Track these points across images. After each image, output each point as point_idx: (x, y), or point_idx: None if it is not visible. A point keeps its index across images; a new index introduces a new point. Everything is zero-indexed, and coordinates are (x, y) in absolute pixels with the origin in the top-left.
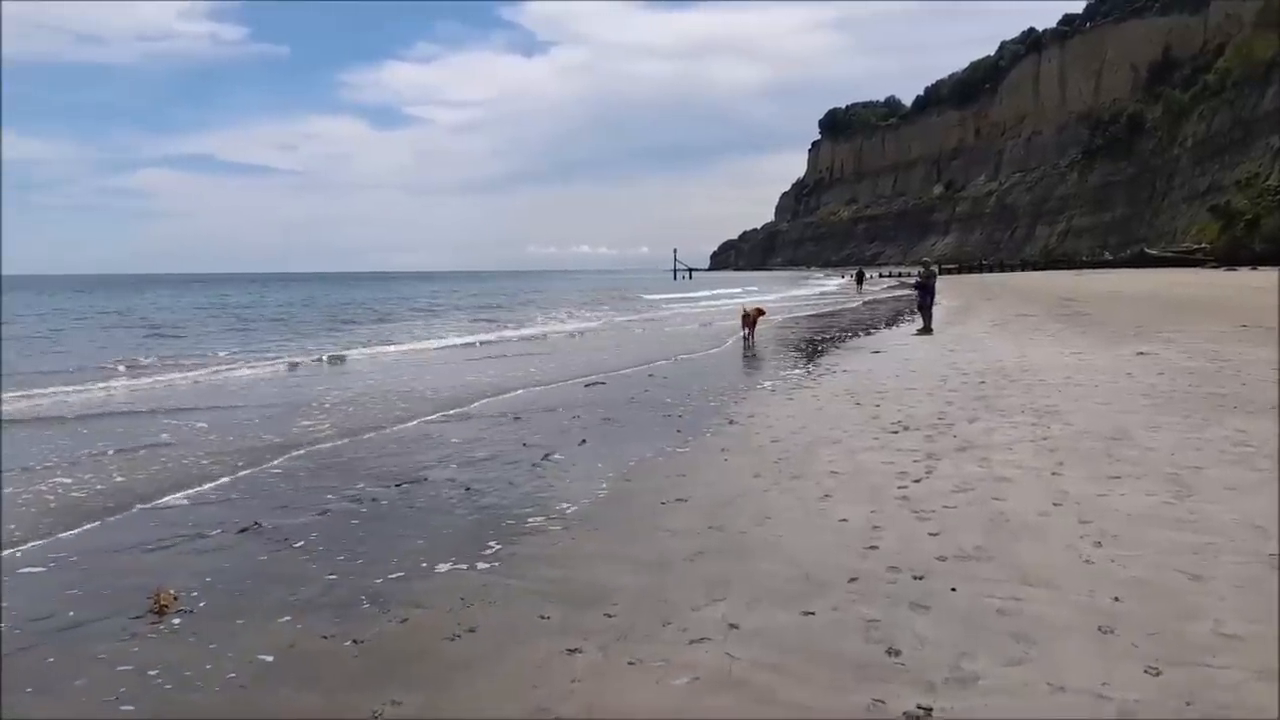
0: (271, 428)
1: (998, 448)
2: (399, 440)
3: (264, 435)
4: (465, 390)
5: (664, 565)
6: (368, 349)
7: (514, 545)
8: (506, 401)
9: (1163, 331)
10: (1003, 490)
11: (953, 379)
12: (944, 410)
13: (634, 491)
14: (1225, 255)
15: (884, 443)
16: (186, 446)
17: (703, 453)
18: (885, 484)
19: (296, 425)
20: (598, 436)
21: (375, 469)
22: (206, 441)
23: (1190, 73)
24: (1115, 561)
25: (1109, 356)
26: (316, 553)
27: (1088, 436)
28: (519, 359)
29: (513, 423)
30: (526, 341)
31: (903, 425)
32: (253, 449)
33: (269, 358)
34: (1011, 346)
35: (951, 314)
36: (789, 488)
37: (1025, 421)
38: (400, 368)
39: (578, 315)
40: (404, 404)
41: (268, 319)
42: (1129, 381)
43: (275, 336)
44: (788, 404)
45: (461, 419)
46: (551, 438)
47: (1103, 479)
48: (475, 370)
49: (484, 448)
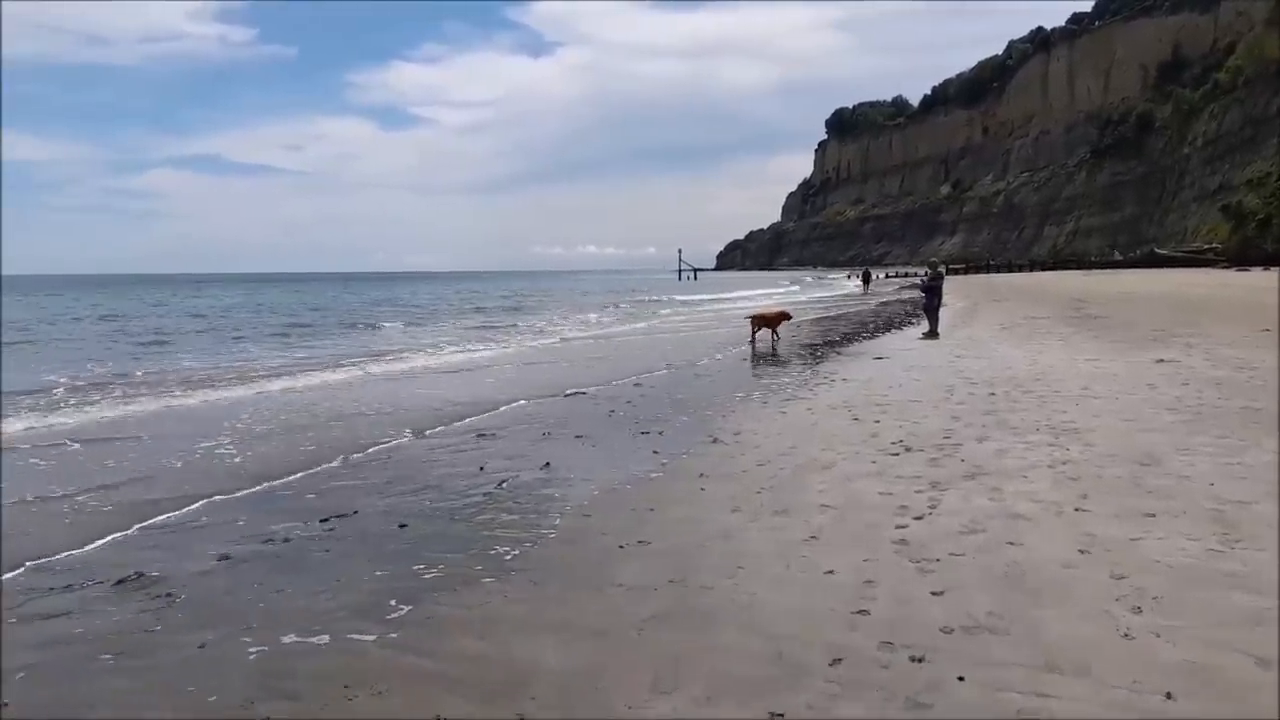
0: (206, 454)
1: (1011, 475)
2: (353, 465)
3: (199, 462)
4: (441, 406)
5: (606, 636)
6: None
7: (433, 605)
8: (480, 418)
9: (1181, 336)
10: (1019, 531)
11: (960, 389)
12: (950, 427)
13: (590, 530)
14: (1237, 255)
15: (882, 467)
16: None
17: (678, 479)
18: (882, 522)
19: (238, 452)
20: (564, 459)
21: (311, 500)
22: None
23: (1200, 71)
24: (1161, 636)
25: (1127, 364)
26: (193, 613)
27: (1112, 461)
28: (504, 369)
29: (477, 441)
30: (517, 349)
31: (904, 445)
32: (180, 477)
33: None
34: (1022, 352)
35: (958, 316)
36: (771, 526)
37: (1041, 441)
38: (374, 384)
39: (571, 320)
40: (368, 424)
41: (266, 328)
42: (1151, 393)
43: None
44: (779, 418)
45: (423, 436)
46: (514, 460)
47: (1135, 517)
48: (455, 383)
49: (438, 471)
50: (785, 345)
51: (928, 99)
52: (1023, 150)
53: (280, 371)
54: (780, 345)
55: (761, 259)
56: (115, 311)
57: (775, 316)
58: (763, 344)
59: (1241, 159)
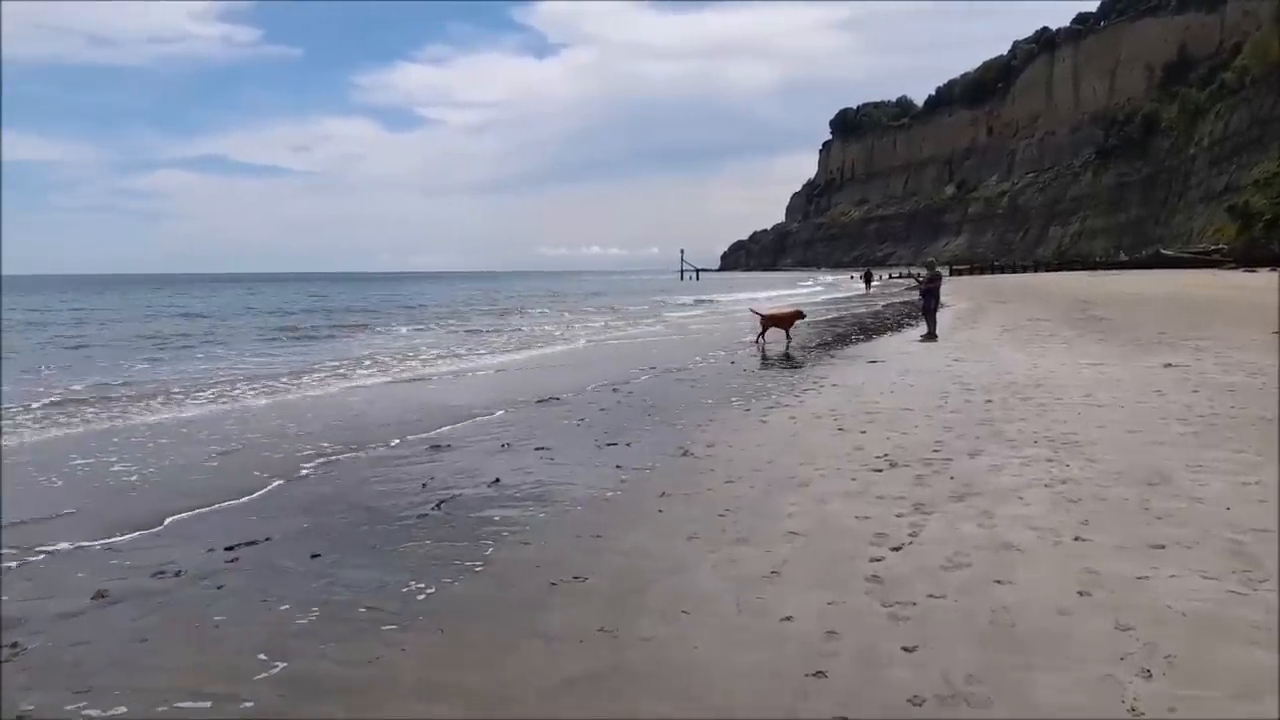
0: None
1: (1005, 495)
2: (291, 483)
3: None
4: (405, 415)
5: (506, 707)
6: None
7: (313, 660)
8: (443, 430)
9: (1189, 339)
10: (1009, 567)
11: (955, 396)
12: (941, 439)
13: (523, 563)
14: (1244, 256)
15: (863, 485)
16: None
17: (636, 499)
18: (855, 553)
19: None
20: (518, 474)
21: (225, 523)
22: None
23: (1207, 72)
24: (1177, 711)
25: (1133, 369)
26: (30, 669)
27: (1117, 479)
28: (483, 375)
29: (430, 455)
30: (501, 354)
31: (889, 460)
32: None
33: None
34: (1023, 356)
35: (960, 318)
36: (729, 558)
37: (1039, 456)
38: (340, 394)
39: (562, 322)
40: (315, 437)
41: (255, 332)
42: (1160, 401)
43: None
44: (759, 429)
45: (372, 450)
46: (462, 476)
47: (1142, 550)
48: (427, 391)
49: (377, 489)
50: (777, 348)
51: (932, 99)
52: (1028, 151)
53: (254, 376)
54: (785, 347)
55: (765, 260)
56: (82, 312)
57: (788, 316)
58: (776, 344)
59: (1248, 159)
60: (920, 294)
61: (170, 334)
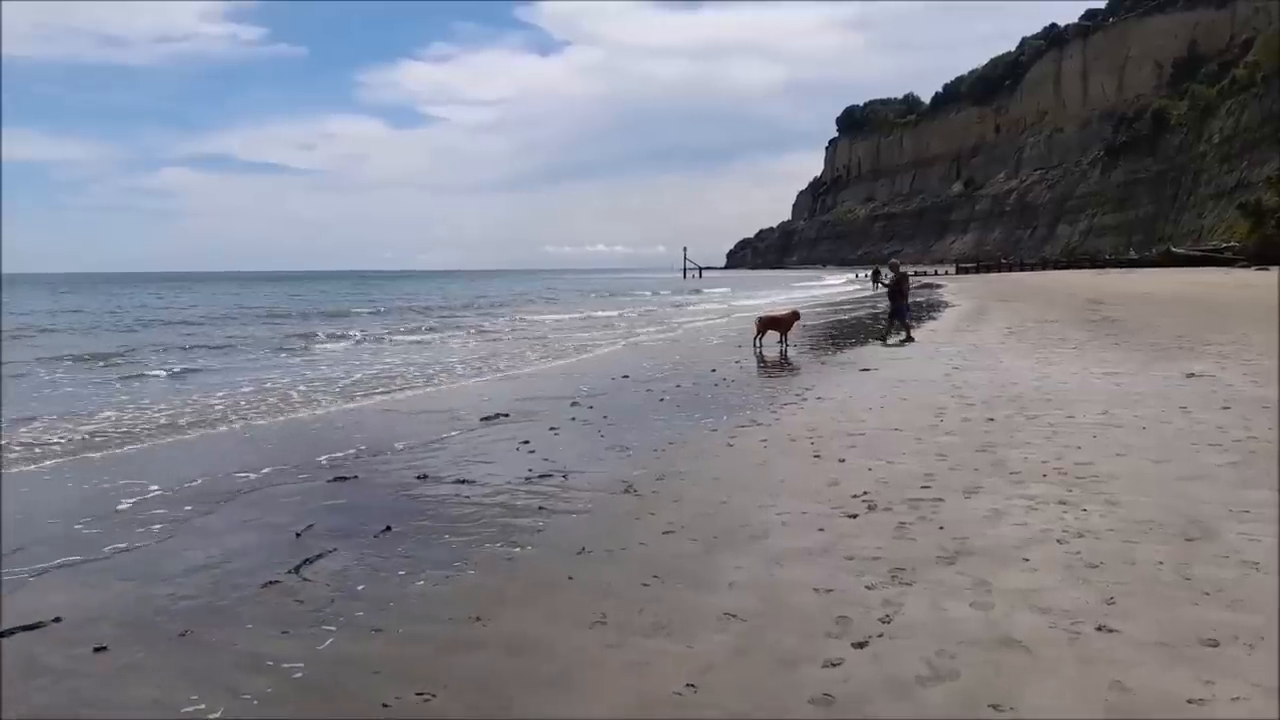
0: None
1: (1006, 555)
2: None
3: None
4: (314, 443)
5: None
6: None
7: None
8: (356, 457)
9: (1210, 343)
10: (1010, 678)
11: (952, 412)
12: (933, 471)
13: (361, 664)
14: (1256, 254)
15: (832, 538)
16: None
17: (547, 557)
18: (805, 652)
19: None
20: (414, 523)
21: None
22: None
23: (1217, 68)
24: None
25: (1152, 379)
26: None
27: (1147, 533)
28: (435, 389)
29: (325, 489)
30: (471, 360)
31: (868, 501)
32: None
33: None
34: (1030, 363)
35: (963, 319)
36: (632, 661)
37: (1049, 496)
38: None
39: (546, 323)
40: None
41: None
42: (1186, 421)
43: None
44: (723, 454)
45: (267, 483)
46: (351, 518)
47: (1190, 649)
48: (355, 414)
49: (233, 542)
50: (773, 352)
51: (939, 96)
52: (1036, 148)
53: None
54: (781, 350)
55: (771, 258)
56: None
57: (785, 318)
58: (775, 346)
59: (1260, 156)
60: (887, 296)
61: None
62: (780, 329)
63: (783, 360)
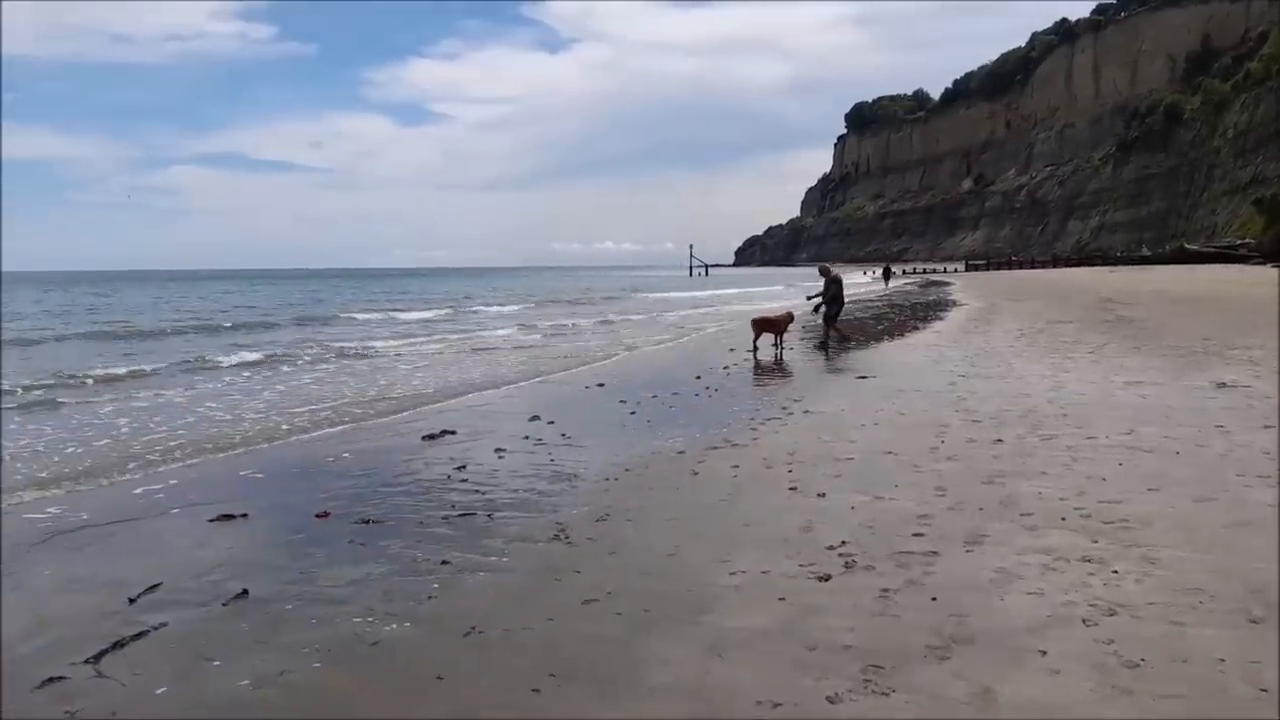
0: None
1: (1017, 645)
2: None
3: None
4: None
5: None
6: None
7: None
8: (254, 476)
9: (1237, 347)
10: None
11: (955, 432)
12: (929, 511)
13: None
14: (1271, 250)
15: (794, 613)
16: None
17: (416, 654)
18: None
19: None
20: (274, 587)
21: None
22: None
23: (1231, 62)
24: None
25: (1180, 390)
26: None
27: (1197, 609)
28: (375, 405)
29: (212, 532)
30: (443, 362)
31: (846, 556)
32: None
33: None
34: (1043, 369)
35: (971, 320)
36: None
37: (1070, 549)
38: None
39: (538, 323)
40: None
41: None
42: (1225, 443)
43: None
44: (685, 486)
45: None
46: (202, 577)
47: None
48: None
49: (55, 606)
50: (767, 356)
51: (949, 92)
52: (1046, 144)
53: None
54: (776, 354)
55: (780, 255)
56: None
57: (780, 320)
58: (771, 348)
59: (1274, 151)
60: (825, 302)
61: None
62: (774, 331)
63: (777, 363)
